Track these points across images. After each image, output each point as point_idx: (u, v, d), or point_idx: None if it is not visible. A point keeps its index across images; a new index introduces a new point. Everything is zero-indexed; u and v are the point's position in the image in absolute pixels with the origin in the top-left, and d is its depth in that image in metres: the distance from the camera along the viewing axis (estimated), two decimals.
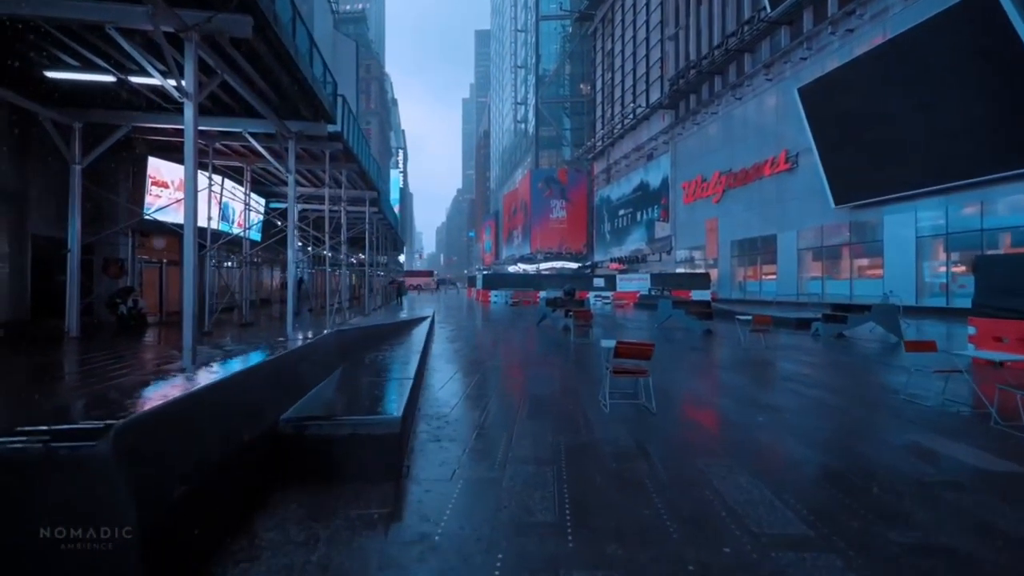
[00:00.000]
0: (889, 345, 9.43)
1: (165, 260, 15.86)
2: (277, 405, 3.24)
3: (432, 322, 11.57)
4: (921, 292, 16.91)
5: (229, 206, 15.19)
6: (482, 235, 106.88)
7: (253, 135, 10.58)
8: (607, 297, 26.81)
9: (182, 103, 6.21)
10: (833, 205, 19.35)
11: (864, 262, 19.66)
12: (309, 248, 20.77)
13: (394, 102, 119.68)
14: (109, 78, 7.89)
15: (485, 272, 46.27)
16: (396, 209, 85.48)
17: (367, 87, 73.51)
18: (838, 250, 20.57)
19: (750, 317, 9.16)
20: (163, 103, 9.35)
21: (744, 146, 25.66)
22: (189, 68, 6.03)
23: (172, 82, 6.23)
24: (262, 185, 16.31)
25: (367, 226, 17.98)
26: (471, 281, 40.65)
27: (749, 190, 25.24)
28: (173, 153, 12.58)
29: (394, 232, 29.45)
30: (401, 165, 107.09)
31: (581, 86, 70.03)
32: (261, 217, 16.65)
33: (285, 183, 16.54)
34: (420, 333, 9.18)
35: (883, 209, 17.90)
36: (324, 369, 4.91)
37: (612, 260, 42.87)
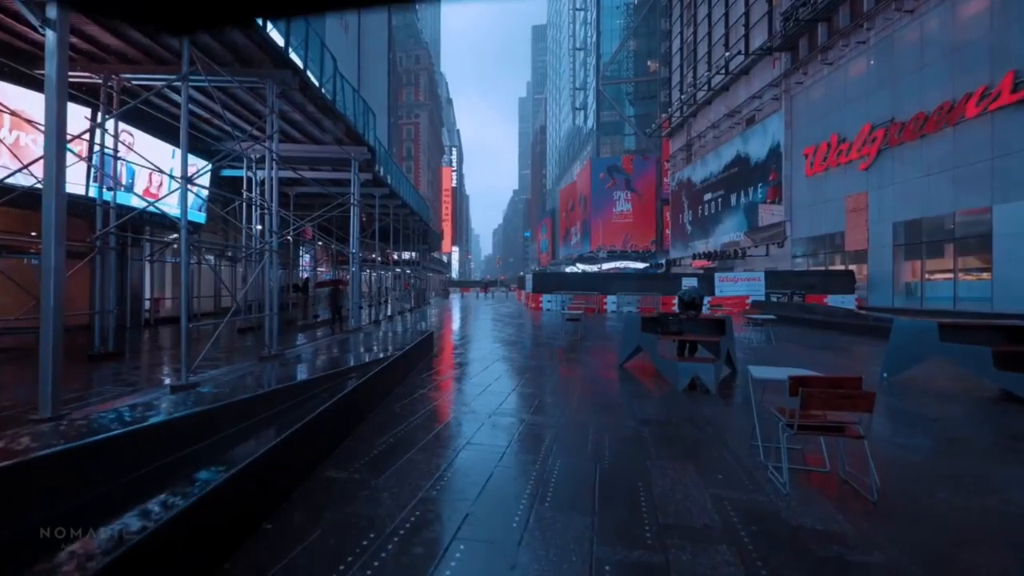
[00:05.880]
0: None
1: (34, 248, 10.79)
2: None
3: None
4: None
5: (132, 168, 9.74)
6: (538, 234, 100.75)
7: None
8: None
9: None
10: None
11: None
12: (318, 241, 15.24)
13: (449, 102, 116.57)
14: None
15: (536, 271, 39.66)
16: (446, 207, 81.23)
17: (415, 78, 69.62)
18: None
19: None
20: None
21: (918, 81, 17.19)
22: None
23: None
24: (198, 140, 10.77)
25: (353, 203, 11.94)
26: (520, 282, 34.23)
27: (929, 144, 16.76)
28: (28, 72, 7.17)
29: (421, 221, 23.56)
30: (455, 164, 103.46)
31: (648, 63, 62.04)
32: (201, 190, 11.10)
33: (234, 137, 10.84)
34: None
35: None
36: None
37: (695, 256, 34.67)
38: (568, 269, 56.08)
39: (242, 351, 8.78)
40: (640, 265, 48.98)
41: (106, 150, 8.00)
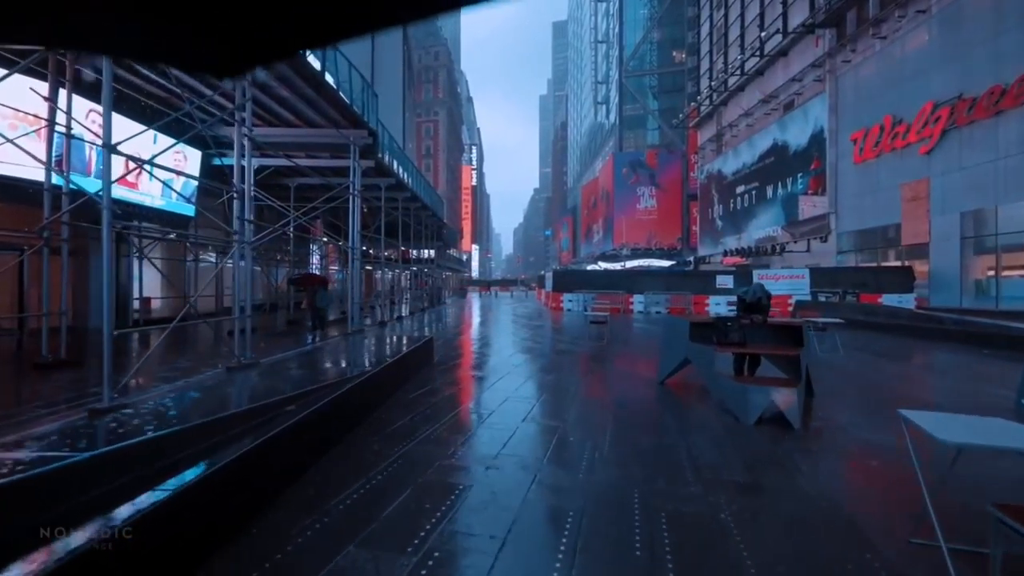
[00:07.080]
0: None
1: (30, 244, 9.93)
2: None
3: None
4: None
5: (84, 147, 8.74)
6: (559, 233, 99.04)
7: None
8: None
9: None
10: None
11: None
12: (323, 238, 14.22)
13: (469, 100, 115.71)
14: None
15: (557, 269, 38.11)
16: (466, 206, 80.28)
17: (434, 75, 68.80)
18: None
19: None
20: None
21: (993, 51, 15.06)
22: None
23: None
24: (178, 122, 9.73)
25: (352, 193, 10.71)
26: (540, 281, 32.80)
27: (1007, 122, 14.62)
28: None
29: (435, 217, 22.39)
30: (475, 162, 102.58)
31: (674, 53, 59.67)
32: (188, 179, 10.09)
33: (230, 123, 9.75)
34: None
35: None
36: None
37: (726, 253, 32.58)
38: (590, 267, 54.37)
39: (220, 358, 7.67)
40: (665, 263, 46.89)
41: (61, 128, 6.96)
